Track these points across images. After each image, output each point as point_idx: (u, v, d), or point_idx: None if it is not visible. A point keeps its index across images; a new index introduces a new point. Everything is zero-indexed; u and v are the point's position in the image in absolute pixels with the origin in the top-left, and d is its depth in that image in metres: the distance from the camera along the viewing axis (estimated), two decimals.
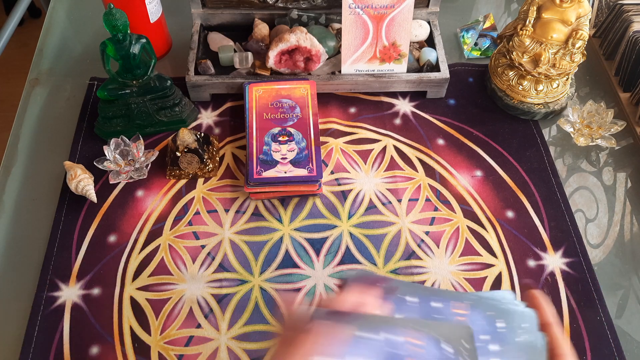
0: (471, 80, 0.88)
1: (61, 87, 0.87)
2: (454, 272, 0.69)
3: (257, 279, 0.68)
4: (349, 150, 0.79)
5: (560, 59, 0.77)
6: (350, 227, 0.72)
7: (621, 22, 0.84)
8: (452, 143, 0.81)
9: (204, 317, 0.65)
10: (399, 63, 0.81)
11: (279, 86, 0.79)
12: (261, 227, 0.72)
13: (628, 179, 0.78)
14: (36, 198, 0.75)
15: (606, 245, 0.72)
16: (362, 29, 0.78)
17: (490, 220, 0.73)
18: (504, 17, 0.98)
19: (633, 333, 0.65)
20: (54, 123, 0.82)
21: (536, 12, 0.76)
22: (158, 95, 0.78)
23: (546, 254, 0.71)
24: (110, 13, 0.70)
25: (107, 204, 0.74)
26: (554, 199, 0.75)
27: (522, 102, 0.82)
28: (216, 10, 0.87)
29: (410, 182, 0.77)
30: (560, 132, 0.83)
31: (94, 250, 0.70)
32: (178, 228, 0.72)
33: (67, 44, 0.93)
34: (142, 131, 0.79)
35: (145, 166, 0.76)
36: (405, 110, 0.84)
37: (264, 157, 0.73)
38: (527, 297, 0.40)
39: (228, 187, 0.76)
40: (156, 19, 0.85)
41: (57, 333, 0.64)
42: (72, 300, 0.66)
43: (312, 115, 0.77)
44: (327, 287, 0.67)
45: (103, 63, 0.74)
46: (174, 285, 0.67)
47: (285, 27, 0.85)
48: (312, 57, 0.80)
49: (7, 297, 0.67)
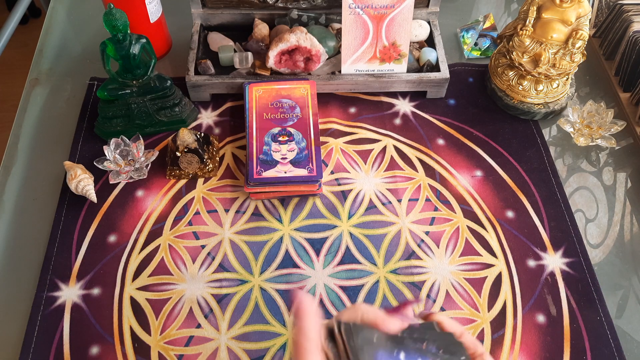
0: (471, 80, 0.88)
1: (61, 87, 0.87)
2: (454, 272, 0.69)
3: (257, 279, 0.68)
4: (349, 150, 0.79)
5: (560, 59, 0.77)
6: (350, 227, 0.72)
7: (621, 22, 0.84)
8: (452, 143, 0.81)
9: (204, 317, 0.65)
10: (399, 63, 0.81)
11: (279, 86, 0.79)
12: (261, 227, 0.72)
13: (628, 179, 0.78)
14: (36, 198, 0.75)
15: (606, 245, 0.72)
16: (362, 29, 0.78)
17: (490, 220, 0.73)
18: (504, 17, 0.98)
19: (633, 333, 0.65)
20: (54, 123, 0.82)
21: (536, 12, 0.76)
22: (158, 95, 0.78)
23: (546, 254, 0.71)
24: (110, 13, 0.70)
25: (107, 204, 0.74)
26: (554, 199, 0.75)
27: (522, 102, 0.82)
28: (216, 10, 0.87)
29: (410, 182, 0.77)
30: (560, 132, 0.83)
31: (94, 250, 0.70)
32: (178, 228, 0.72)
33: (67, 44, 0.93)
34: (142, 131, 0.79)
35: (145, 166, 0.76)
36: (405, 110, 0.84)
37: (264, 157, 0.73)
38: (429, 319, 0.44)
39: (228, 187, 0.76)
40: (156, 19, 0.85)
41: (57, 333, 0.64)
42: (72, 300, 0.66)
43: (312, 115, 0.77)
44: (327, 287, 0.67)
45: (103, 63, 0.75)
46: (174, 285, 0.67)
47: (285, 27, 0.85)
48: (312, 57, 0.80)
49: (7, 297, 0.67)
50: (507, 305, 0.67)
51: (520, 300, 0.67)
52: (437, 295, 0.67)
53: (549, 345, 0.64)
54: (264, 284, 0.68)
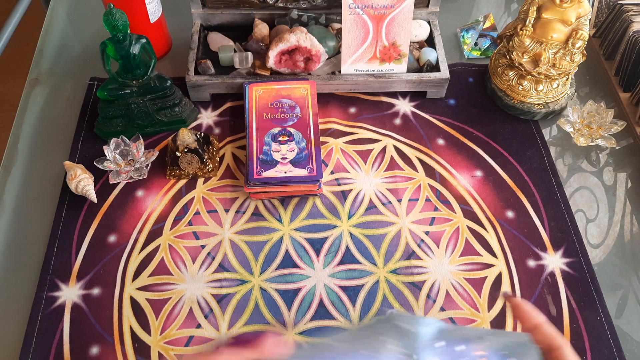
0: (471, 80, 0.88)
1: (61, 87, 0.87)
2: (453, 272, 0.69)
3: (257, 279, 0.68)
4: (349, 150, 0.79)
5: (560, 59, 0.77)
6: (350, 227, 0.72)
7: (621, 22, 0.84)
8: (452, 143, 0.81)
9: (204, 317, 0.65)
10: (399, 63, 0.81)
11: (279, 86, 0.79)
12: (261, 227, 0.72)
13: (628, 179, 0.78)
14: (36, 198, 0.75)
15: (606, 245, 0.72)
16: (362, 29, 0.78)
17: (490, 220, 0.73)
18: (504, 17, 0.98)
19: (633, 333, 0.65)
20: (54, 123, 0.82)
21: (536, 12, 0.76)
22: (158, 95, 0.78)
23: (546, 254, 0.71)
24: (110, 13, 0.70)
25: (107, 204, 0.74)
26: (554, 199, 0.75)
27: (522, 102, 0.82)
28: (216, 10, 0.87)
29: (410, 182, 0.77)
30: (560, 132, 0.83)
31: (94, 250, 0.70)
32: (178, 228, 0.72)
33: (67, 44, 0.93)
34: (142, 131, 0.79)
35: (145, 166, 0.76)
36: (405, 110, 0.84)
37: (264, 157, 0.73)
38: (510, 307, 0.42)
39: (228, 187, 0.76)
40: (156, 19, 0.85)
41: (57, 333, 0.64)
42: (72, 300, 0.66)
43: (312, 115, 0.77)
44: (327, 287, 0.67)
45: (103, 63, 0.74)
46: (174, 285, 0.67)
47: (285, 27, 0.85)
48: (312, 57, 0.80)
49: (7, 297, 0.67)
50: (507, 305, 0.67)
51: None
52: (437, 295, 0.67)
53: None
54: (264, 284, 0.68)
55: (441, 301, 0.67)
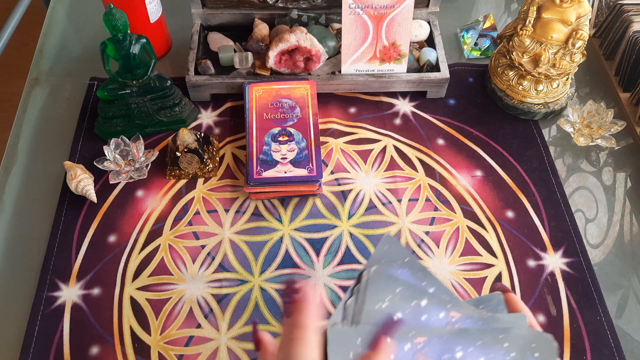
0: (471, 80, 0.88)
1: (61, 87, 0.87)
2: (454, 272, 0.69)
3: (257, 279, 0.68)
4: (349, 150, 0.79)
5: (560, 59, 0.77)
6: (350, 227, 0.72)
7: (621, 22, 0.84)
8: (452, 143, 0.81)
9: (204, 317, 0.65)
10: (399, 63, 0.81)
11: (279, 86, 0.79)
12: (261, 227, 0.72)
13: (628, 179, 0.78)
14: (36, 198, 0.75)
15: (606, 245, 0.72)
16: (362, 29, 0.78)
17: (490, 220, 0.73)
18: (504, 17, 0.98)
19: (633, 333, 0.65)
20: (54, 123, 0.82)
21: (536, 12, 0.76)
22: (158, 95, 0.78)
23: (546, 254, 0.71)
24: (110, 13, 0.70)
25: (107, 204, 0.74)
26: (554, 199, 0.75)
27: (522, 102, 0.82)
28: (216, 10, 0.87)
29: (410, 182, 0.77)
30: (560, 132, 0.83)
31: (94, 250, 0.70)
32: (178, 228, 0.72)
33: (67, 44, 0.93)
34: (142, 131, 0.79)
35: (145, 166, 0.76)
36: (405, 110, 0.84)
37: (264, 157, 0.73)
38: (506, 302, 0.43)
39: (228, 187, 0.76)
40: (156, 19, 0.85)
41: (57, 333, 0.64)
42: (72, 300, 0.66)
43: (312, 115, 0.77)
44: (327, 287, 0.67)
45: (103, 63, 0.75)
46: (174, 285, 0.67)
47: (285, 27, 0.86)
48: (312, 57, 0.80)
49: (7, 297, 0.67)
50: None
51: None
52: None
53: None
54: (264, 284, 0.68)
55: None
